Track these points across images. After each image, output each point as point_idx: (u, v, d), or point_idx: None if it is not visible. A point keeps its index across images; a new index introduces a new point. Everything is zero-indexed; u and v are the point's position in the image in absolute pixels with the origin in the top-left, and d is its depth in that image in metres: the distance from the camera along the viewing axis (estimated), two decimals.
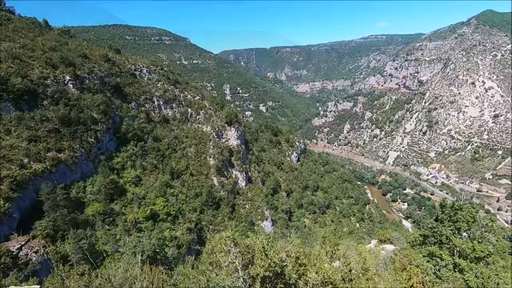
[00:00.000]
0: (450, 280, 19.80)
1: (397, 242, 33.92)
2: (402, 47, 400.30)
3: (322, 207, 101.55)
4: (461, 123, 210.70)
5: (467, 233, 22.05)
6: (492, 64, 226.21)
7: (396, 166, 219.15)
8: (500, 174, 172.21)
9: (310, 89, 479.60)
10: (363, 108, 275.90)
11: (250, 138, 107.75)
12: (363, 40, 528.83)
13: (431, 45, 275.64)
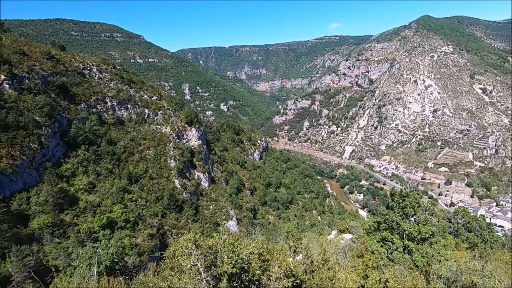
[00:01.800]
0: (401, 262, 21.65)
1: (354, 231, 36.17)
2: (353, 47, 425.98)
3: (285, 203, 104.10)
4: (406, 118, 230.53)
5: (414, 218, 24.28)
6: (430, 64, 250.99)
7: (352, 159, 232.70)
8: (440, 163, 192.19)
9: (270, 88, 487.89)
10: (321, 105, 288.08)
11: (212, 138, 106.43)
12: (319, 41, 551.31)
13: (379, 46, 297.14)
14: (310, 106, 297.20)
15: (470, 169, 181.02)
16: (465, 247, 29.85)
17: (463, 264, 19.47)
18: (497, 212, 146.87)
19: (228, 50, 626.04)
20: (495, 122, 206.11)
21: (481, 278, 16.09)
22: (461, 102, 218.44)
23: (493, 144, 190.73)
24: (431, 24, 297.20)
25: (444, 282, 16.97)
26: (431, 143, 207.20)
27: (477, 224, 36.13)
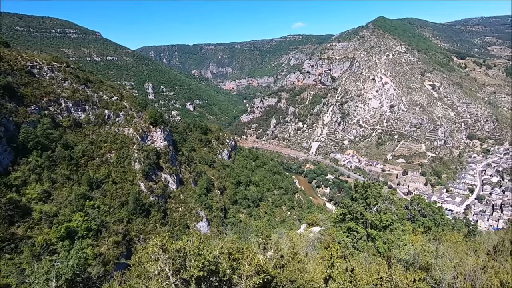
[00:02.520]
0: (365, 249, 22.94)
1: (322, 223, 37.56)
2: (316, 46, 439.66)
3: (255, 201, 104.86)
4: (366, 114, 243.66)
5: (376, 207, 25.82)
6: (386, 63, 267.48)
7: (318, 155, 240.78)
8: (397, 155, 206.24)
9: (236, 86, 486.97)
10: (287, 103, 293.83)
11: (179, 138, 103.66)
12: (283, 40, 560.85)
13: (340, 46, 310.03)
14: (276, 104, 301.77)
15: (423, 160, 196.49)
16: (421, 231, 32.41)
17: (419, 247, 21.14)
18: (447, 197, 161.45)
19: (192, 48, 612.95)
20: (443, 115, 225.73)
21: (435, 259, 17.56)
22: (414, 97, 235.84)
23: (442, 136, 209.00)
24: (385, 25, 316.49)
25: (403, 265, 18.29)
26: (389, 136, 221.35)
27: (430, 210, 39.42)
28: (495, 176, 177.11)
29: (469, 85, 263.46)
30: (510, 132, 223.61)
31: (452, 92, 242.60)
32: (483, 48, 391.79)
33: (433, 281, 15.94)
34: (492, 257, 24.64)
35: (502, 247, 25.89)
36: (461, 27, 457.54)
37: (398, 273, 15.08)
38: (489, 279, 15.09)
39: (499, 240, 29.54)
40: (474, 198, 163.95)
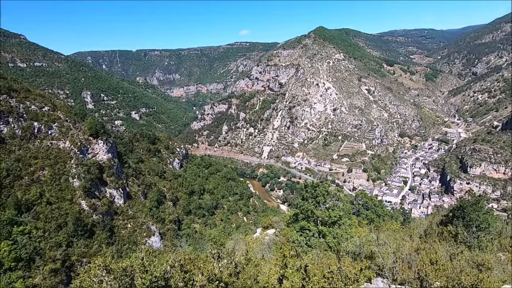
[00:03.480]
0: (317, 246, 24.07)
1: (277, 225, 38.40)
2: (263, 53, 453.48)
3: (210, 209, 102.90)
4: (313, 117, 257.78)
5: (325, 205, 27.31)
6: (327, 69, 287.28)
7: (270, 158, 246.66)
8: (342, 154, 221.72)
9: (185, 93, 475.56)
10: (237, 109, 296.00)
11: (124, 149, 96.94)
12: (230, 46, 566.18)
13: (285, 53, 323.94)
14: (227, 110, 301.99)
15: (364, 157, 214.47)
16: (365, 223, 35.22)
17: (364, 238, 22.95)
18: (386, 190, 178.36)
19: (135, 54, 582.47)
20: (378, 117, 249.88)
21: (377, 247, 19.20)
22: (353, 101, 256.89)
23: (379, 135, 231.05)
24: (325, 35, 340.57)
25: (351, 256, 19.64)
26: (334, 137, 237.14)
27: (372, 203, 43.16)
28: (423, 168, 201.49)
29: (398, 89, 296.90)
30: (432, 130, 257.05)
31: (385, 95, 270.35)
32: (407, 57, 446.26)
33: (377, 268, 17.36)
34: (423, 240, 27.90)
35: (430, 230, 29.50)
36: (388, 38, 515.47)
37: (346, 264, 16.12)
38: (421, 259, 16.96)
39: (428, 224, 33.63)
40: (408, 189, 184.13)
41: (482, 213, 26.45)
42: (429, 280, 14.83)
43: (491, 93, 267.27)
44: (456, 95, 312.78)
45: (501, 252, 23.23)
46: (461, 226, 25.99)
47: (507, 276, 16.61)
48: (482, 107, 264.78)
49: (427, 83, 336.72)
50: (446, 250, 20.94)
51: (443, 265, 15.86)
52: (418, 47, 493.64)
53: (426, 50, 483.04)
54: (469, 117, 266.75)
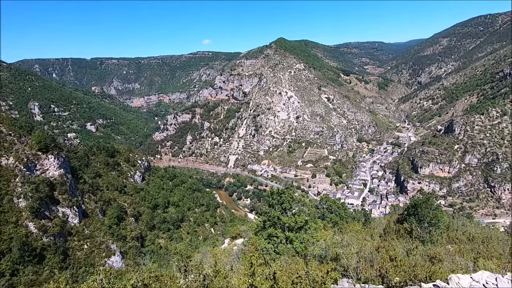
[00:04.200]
0: (285, 252, 24.30)
1: (245, 234, 38.14)
2: (226, 63, 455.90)
3: (176, 222, 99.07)
4: (277, 125, 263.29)
5: (291, 211, 27.79)
6: (289, 79, 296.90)
7: (236, 167, 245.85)
8: (306, 160, 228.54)
9: (146, 103, 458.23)
10: (202, 118, 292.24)
11: (79, 164, 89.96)
12: (193, 56, 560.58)
13: (248, 63, 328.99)
14: (191, 119, 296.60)
15: (327, 163, 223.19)
16: (330, 226, 36.43)
17: (329, 241, 23.70)
18: (348, 193, 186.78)
19: (90, 63, 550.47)
20: (338, 123, 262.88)
21: (342, 248, 19.93)
22: (314, 109, 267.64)
23: (339, 141, 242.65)
24: (286, 45, 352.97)
25: (318, 259, 20.13)
26: (298, 144, 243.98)
27: (336, 206, 44.88)
28: (380, 171, 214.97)
29: (354, 97, 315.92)
30: (386, 134, 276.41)
31: (343, 103, 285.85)
32: (361, 67, 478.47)
33: (342, 269, 17.97)
34: (383, 238, 29.57)
35: (389, 228, 31.38)
36: (344, 49, 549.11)
37: (313, 268, 16.47)
38: (382, 257, 17.93)
39: (387, 223, 35.78)
40: (368, 191, 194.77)
41: (432, 210, 28.80)
42: (389, 276, 15.70)
43: (434, 100, 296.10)
44: (405, 102, 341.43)
45: (449, 244, 25.43)
46: (415, 223, 28.01)
47: (455, 266, 18.23)
48: (427, 113, 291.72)
49: (380, 92, 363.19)
50: (403, 247, 22.38)
51: (401, 261, 16.91)
52: (370, 58, 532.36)
53: (378, 61, 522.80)
54: (417, 122, 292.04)
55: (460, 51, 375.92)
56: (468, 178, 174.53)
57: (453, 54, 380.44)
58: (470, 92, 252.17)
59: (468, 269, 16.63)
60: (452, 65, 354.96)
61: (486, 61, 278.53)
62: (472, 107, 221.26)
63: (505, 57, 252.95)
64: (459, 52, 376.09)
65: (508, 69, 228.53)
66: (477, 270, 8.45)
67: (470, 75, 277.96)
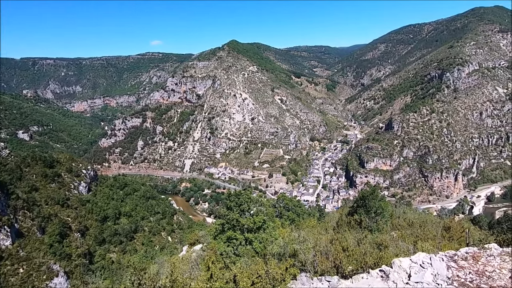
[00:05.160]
0: (245, 253, 24.32)
1: (204, 239, 37.25)
2: (177, 64, 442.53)
3: (129, 234, 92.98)
4: (233, 127, 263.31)
5: (249, 212, 27.94)
6: (243, 81, 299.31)
7: (192, 172, 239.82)
8: (263, 161, 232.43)
9: (90, 108, 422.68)
10: (153, 122, 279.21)
11: (10, 177, 79.22)
12: (141, 57, 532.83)
13: (201, 65, 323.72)
14: (142, 124, 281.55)
15: (283, 162, 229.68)
16: (287, 224, 37.46)
17: (287, 238, 24.34)
18: (303, 191, 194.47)
19: (20, 63, 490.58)
20: (291, 124, 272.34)
21: (299, 244, 20.59)
22: (269, 110, 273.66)
23: (293, 140, 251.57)
24: (239, 48, 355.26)
25: (277, 257, 20.51)
26: (254, 145, 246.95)
27: (292, 204, 46.34)
28: (332, 167, 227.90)
29: (306, 98, 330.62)
30: (335, 133, 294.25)
31: (295, 104, 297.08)
32: (310, 70, 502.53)
33: (300, 264, 18.55)
34: (336, 231, 31.33)
35: (341, 221, 33.35)
36: (294, 53, 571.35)
37: (273, 266, 16.73)
38: (336, 249, 18.94)
39: (339, 216, 38.01)
40: (321, 187, 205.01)
41: (377, 201, 31.36)
42: (343, 266, 16.65)
43: (376, 100, 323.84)
44: (351, 103, 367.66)
45: (393, 231, 27.91)
46: (363, 214, 30.19)
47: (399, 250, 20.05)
48: (370, 112, 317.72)
49: (328, 93, 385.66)
50: (354, 237, 23.94)
51: (352, 251, 18.07)
52: (318, 61, 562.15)
53: (325, 64, 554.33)
54: (362, 121, 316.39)
55: (395, 56, 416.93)
56: (406, 170, 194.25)
57: (389, 58, 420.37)
58: (404, 93, 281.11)
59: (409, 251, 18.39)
60: (389, 68, 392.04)
61: (416, 65, 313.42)
62: (407, 106, 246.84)
63: (431, 61, 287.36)
64: (394, 57, 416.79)
65: (434, 72, 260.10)
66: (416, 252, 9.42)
67: (404, 77, 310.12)
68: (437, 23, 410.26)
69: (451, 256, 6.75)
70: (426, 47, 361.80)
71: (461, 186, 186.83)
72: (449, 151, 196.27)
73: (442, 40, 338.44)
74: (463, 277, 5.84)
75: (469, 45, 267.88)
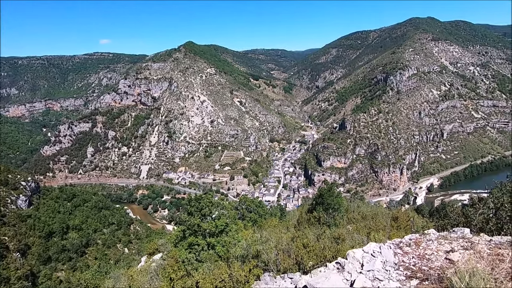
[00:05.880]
0: (208, 259, 23.86)
1: (164, 248, 35.73)
2: (130, 65, 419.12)
3: (79, 249, 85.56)
4: (192, 130, 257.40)
5: (211, 216, 27.48)
6: (201, 83, 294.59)
7: (150, 178, 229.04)
8: (224, 164, 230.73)
9: (29, 112, 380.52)
10: (105, 127, 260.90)
11: None
12: (89, 57, 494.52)
13: (156, 66, 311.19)
14: (92, 129, 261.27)
15: (244, 164, 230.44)
16: (250, 225, 37.63)
17: (250, 239, 24.44)
18: (264, 191, 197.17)
19: None
20: (251, 126, 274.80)
21: (261, 245, 20.81)
22: (228, 112, 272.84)
23: (253, 142, 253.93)
24: (195, 49, 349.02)
25: (240, 260, 20.48)
26: (214, 148, 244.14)
27: (254, 205, 46.68)
28: (291, 167, 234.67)
29: (264, 100, 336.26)
30: (294, 133, 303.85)
31: (254, 106, 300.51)
32: (268, 72, 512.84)
33: (263, 264, 18.74)
34: (297, 229, 32.30)
35: (301, 219, 34.48)
36: (252, 55, 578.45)
37: (236, 269, 16.69)
38: (297, 246, 19.49)
39: (299, 214, 39.26)
40: (282, 187, 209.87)
41: (334, 197, 33.04)
42: (304, 262, 17.21)
43: (330, 102, 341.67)
44: (307, 104, 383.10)
45: (349, 224, 29.62)
46: (321, 211, 31.57)
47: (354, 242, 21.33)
48: (325, 113, 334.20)
49: (286, 95, 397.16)
50: (314, 233, 24.88)
51: (312, 246, 18.76)
52: (275, 64, 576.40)
53: (282, 67, 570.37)
54: (318, 121, 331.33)
55: (346, 60, 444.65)
56: (359, 167, 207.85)
57: (341, 62, 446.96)
58: (355, 95, 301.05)
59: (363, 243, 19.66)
60: (341, 72, 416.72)
61: (364, 69, 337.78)
62: (357, 107, 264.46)
63: (377, 66, 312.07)
64: (345, 61, 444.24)
65: (380, 76, 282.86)
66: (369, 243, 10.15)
67: (354, 80, 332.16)
68: (381, 31, 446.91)
69: (397, 243, 7.41)
70: (372, 52, 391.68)
71: (406, 179, 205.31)
72: (394, 147, 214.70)
73: (386, 46, 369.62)
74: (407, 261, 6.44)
75: (408, 51, 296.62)
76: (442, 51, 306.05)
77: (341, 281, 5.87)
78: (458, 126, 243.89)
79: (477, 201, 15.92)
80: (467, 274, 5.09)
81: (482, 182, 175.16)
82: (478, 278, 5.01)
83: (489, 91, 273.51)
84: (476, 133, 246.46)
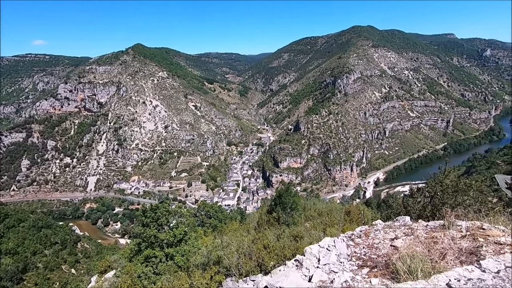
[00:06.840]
0: (167, 271, 22.81)
1: (117, 264, 33.25)
2: (71, 69, 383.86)
3: (15, 276, 75.24)
4: (144, 137, 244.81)
5: (168, 225, 26.36)
6: (153, 87, 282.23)
7: (99, 190, 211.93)
8: (180, 170, 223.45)
9: None
10: (43, 137, 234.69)
11: None
12: (21, 59, 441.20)
13: (101, 69, 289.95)
14: (26, 139, 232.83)
15: (201, 169, 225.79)
16: (210, 231, 36.94)
17: (210, 245, 23.97)
18: (224, 196, 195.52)
19: None
20: (208, 130, 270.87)
21: (222, 250, 20.54)
22: (183, 117, 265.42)
23: (210, 146, 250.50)
24: (145, 52, 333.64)
25: (201, 267, 19.97)
26: (170, 155, 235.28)
27: (213, 210, 45.93)
28: (249, 170, 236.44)
29: (220, 104, 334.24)
30: (250, 136, 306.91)
31: (210, 110, 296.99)
32: (223, 76, 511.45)
33: (225, 270, 18.53)
34: (258, 231, 32.59)
35: (261, 220, 34.88)
36: (206, 59, 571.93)
37: (197, 277, 16.25)
38: (257, 248, 19.63)
39: (259, 216, 39.67)
40: (241, 190, 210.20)
41: (292, 196, 34.03)
42: (266, 263, 17.42)
43: (284, 104, 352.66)
44: (263, 107, 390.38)
45: (306, 222, 30.78)
46: (280, 211, 32.31)
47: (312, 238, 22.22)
48: (280, 115, 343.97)
49: (241, 98, 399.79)
50: (274, 233, 25.33)
51: (273, 247, 19.08)
52: (230, 68, 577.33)
53: (236, 70, 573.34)
54: (273, 124, 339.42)
55: (297, 64, 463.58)
56: (314, 166, 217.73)
57: (293, 66, 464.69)
58: (307, 97, 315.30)
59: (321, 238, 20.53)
60: (293, 75, 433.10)
61: (314, 73, 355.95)
62: (310, 109, 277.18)
63: (326, 70, 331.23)
64: (296, 65, 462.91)
65: (329, 79, 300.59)
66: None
67: (306, 83, 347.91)
68: (328, 37, 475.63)
69: (350, 236, 7.93)
70: (321, 57, 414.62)
71: (356, 176, 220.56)
72: (344, 146, 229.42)
73: (333, 51, 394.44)
74: (359, 252, 6.92)
75: (352, 56, 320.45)
76: (381, 57, 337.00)
77: (300, 278, 6.09)
78: (398, 124, 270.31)
79: (415, 191, 17.79)
80: (408, 257, 5.67)
81: (420, 174, 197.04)
82: (417, 260, 5.62)
83: (421, 92, 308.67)
84: (413, 130, 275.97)
